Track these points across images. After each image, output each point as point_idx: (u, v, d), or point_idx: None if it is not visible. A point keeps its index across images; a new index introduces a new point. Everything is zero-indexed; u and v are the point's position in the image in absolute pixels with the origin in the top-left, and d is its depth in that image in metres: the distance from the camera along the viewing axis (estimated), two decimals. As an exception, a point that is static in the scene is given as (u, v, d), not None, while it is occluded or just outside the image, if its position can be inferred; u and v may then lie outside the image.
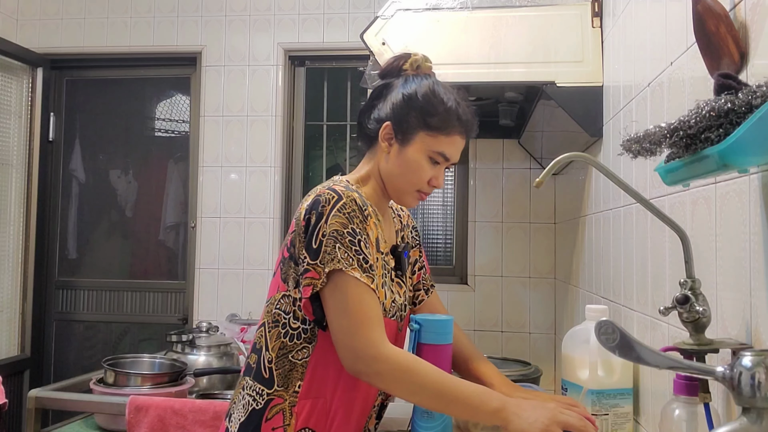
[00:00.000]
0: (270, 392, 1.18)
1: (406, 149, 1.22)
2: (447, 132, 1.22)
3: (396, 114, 1.23)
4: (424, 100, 1.22)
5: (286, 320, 1.18)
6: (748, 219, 0.82)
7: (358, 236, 1.13)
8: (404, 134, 1.22)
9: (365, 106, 1.31)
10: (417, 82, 1.25)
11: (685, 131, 0.73)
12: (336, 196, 1.14)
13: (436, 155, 1.22)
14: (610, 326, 0.76)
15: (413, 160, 1.22)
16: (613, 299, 1.57)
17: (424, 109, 1.21)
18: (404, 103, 1.22)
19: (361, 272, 1.11)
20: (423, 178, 1.23)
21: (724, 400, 0.91)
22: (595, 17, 1.78)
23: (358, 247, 1.12)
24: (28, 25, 3.15)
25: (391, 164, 1.24)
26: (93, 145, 3.26)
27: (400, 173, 1.23)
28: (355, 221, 1.13)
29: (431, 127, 1.21)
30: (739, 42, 0.84)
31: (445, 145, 1.22)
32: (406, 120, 1.22)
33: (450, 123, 1.22)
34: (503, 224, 2.78)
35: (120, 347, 3.13)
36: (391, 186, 1.26)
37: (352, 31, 2.90)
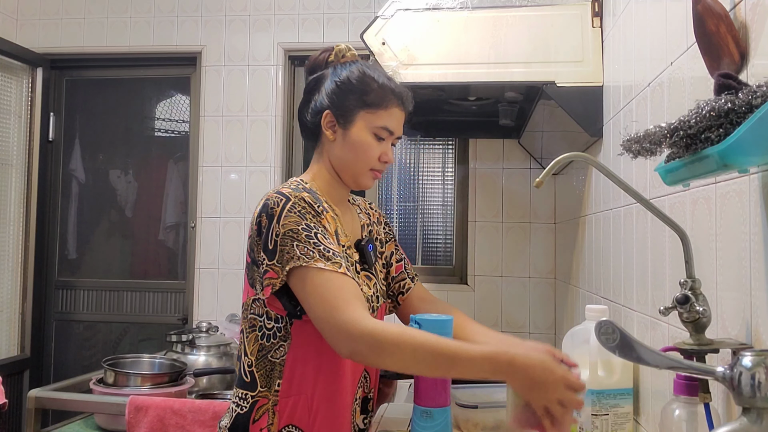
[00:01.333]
0: (254, 394, 1.20)
1: (350, 131, 1.25)
2: (385, 106, 1.26)
3: (333, 101, 1.26)
4: (357, 81, 1.26)
5: (261, 322, 1.21)
6: (748, 219, 0.82)
7: (314, 230, 1.14)
8: (345, 117, 1.25)
9: (302, 102, 1.34)
10: (347, 68, 1.29)
11: (686, 131, 0.73)
12: (284, 199, 1.16)
13: (379, 130, 1.25)
14: (610, 326, 0.75)
15: (359, 140, 1.25)
16: (613, 299, 1.57)
17: (359, 89, 1.25)
18: (339, 89, 1.26)
19: (324, 261, 1.11)
20: (373, 156, 1.26)
21: (724, 400, 0.91)
22: (595, 17, 1.78)
23: (315, 239, 1.13)
24: (28, 24, 3.15)
25: (339, 150, 1.27)
26: (93, 145, 3.25)
27: (350, 156, 1.26)
28: (308, 217, 1.15)
29: (369, 105, 1.25)
30: (739, 42, 0.84)
31: (386, 119, 1.26)
32: (345, 104, 1.25)
33: (386, 97, 1.26)
34: (503, 224, 2.78)
35: (120, 347, 3.13)
36: (344, 172, 1.28)
37: (352, 31, 2.90)
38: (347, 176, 1.29)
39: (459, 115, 2.56)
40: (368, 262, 1.32)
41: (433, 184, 2.96)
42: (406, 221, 2.97)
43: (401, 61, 1.84)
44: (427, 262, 2.94)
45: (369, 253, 1.32)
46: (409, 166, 2.96)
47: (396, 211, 2.98)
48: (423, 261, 2.94)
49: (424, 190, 2.96)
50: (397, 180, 2.97)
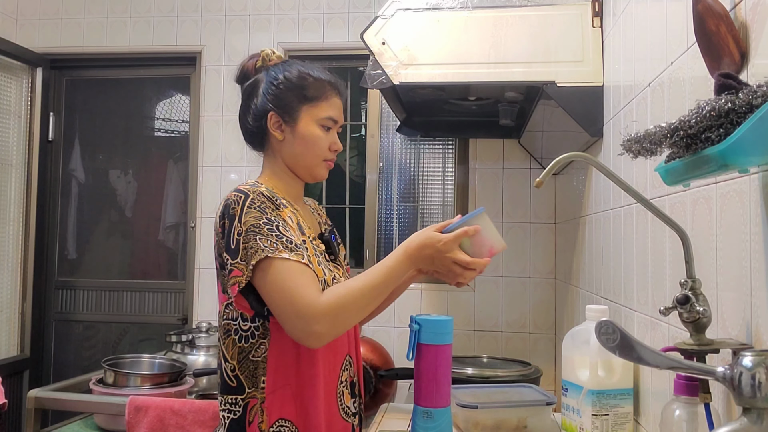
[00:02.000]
0: (244, 397, 1.21)
1: (297, 127, 1.29)
2: (325, 97, 1.30)
3: (275, 101, 1.30)
4: (295, 78, 1.30)
5: (236, 326, 1.22)
6: (748, 219, 0.82)
7: (275, 222, 1.17)
8: (290, 115, 1.29)
9: (241, 109, 1.38)
10: (279, 68, 1.33)
11: (686, 131, 0.73)
12: (242, 195, 1.19)
13: (325, 121, 1.30)
14: (611, 326, 0.75)
15: (308, 133, 1.29)
16: (614, 299, 1.57)
17: (297, 85, 1.30)
18: (278, 89, 1.30)
19: (288, 252, 1.14)
20: (323, 147, 1.30)
21: (725, 401, 0.90)
22: (595, 17, 1.78)
23: (278, 231, 1.16)
24: (28, 24, 3.15)
25: (290, 147, 1.30)
26: (92, 144, 3.25)
27: (302, 151, 1.29)
28: (268, 211, 1.18)
29: (311, 99, 1.29)
30: (739, 42, 0.84)
31: (328, 109, 1.30)
32: (286, 102, 1.29)
33: (324, 88, 1.31)
34: (503, 224, 2.78)
35: (120, 347, 3.13)
36: (299, 167, 1.31)
37: (352, 31, 2.90)
38: (302, 171, 1.32)
39: (459, 115, 2.56)
40: (334, 252, 1.36)
41: (433, 184, 2.96)
42: (406, 221, 2.97)
43: (401, 61, 1.84)
44: (427, 262, 2.93)
45: (333, 244, 1.38)
46: (409, 166, 2.96)
47: (396, 211, 2.98)
48: (423, 261, 2.94)
49: (424, 190, 2.96)
50: (397, 180, 2.97)
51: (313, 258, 1.22)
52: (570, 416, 1.30)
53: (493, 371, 2.08)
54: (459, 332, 2.73)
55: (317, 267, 1.21)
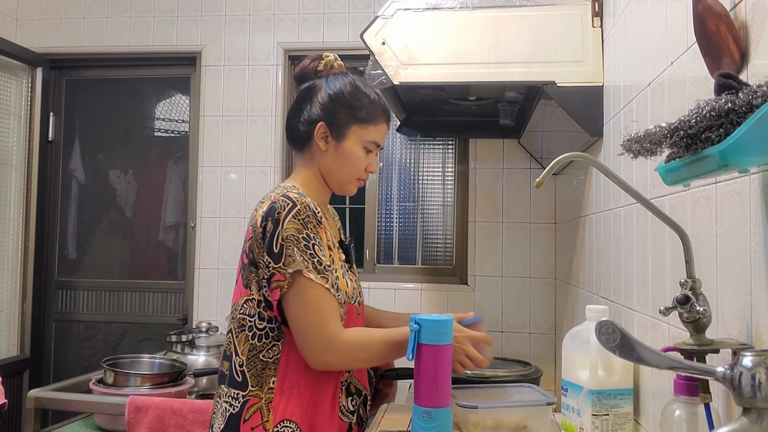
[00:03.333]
0: (245, 394, 1.23)
1: (343, 144, 1.32)
2: (375, 121, 1.33)
3: (327, 113, 1.32)
4: (350, 96, 1.32)
5: (252, 323, 1.24)
6: (748, 219, 0.82)
7: (312, 240, 1.21)
8: (338, 131, 1.32)
9: (293, 109, 1.38)
10: (340, 80, 1.35)
11: (686, 131, 0.73)
12: (291, 203, 1.22)
13: (369, 144, 1.34)
14: (611, 326, 0.75)
15: (351, 153, 1.32)
16: (614, 299, 1.57)
17: (351, 104, 1.32)
18: (332, 102, 1.32)
19: (316, 273, 1.20)
20: (361, 167, 1.34)
21: (725, 401, 0.90)
22: (595, 17, 1.78)
23: (312, 251, 1.21)
24: (28, 24, 3.15)
25: (330, 160, 1.33)
26: (92, 145, 3.25)
27: (340, 166, 1.33)
28: (309, 227, 1.22)
29: (361, 120, 1.32)
30: (739, 42, 0.84)
31: (375, 134, 1.34)
32: (338, 117, 1.32)
33: (376, 113, 1.34)
34: (503, 224, 2.78)
35: (119, 347, 3.13)
36: (332, 180, 1.36)
37: (352, 30, 2.90)
38: (334, 183, 1.36)
39: (459, 115, 2.56)
40: (350, 260, 1.40)
41: (433, 184, 2.96)
42: (406, 221, 2.97)
43: (401, 61, 1.84)
44: (427, 262, 2.94)
45: (351, 252, 1.42)
46: (409, 166, 2.96)
47: (396, 211, 2.98)
48: (423, 261, 2.94)
49: (424, 190, 2.96)
50: (397, 180, 2.97)
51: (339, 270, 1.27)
52: (570, 416, 1.30)
53: (493, 371, 2.08)
54: (459, 332, 2.73)
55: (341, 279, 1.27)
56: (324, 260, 1.22)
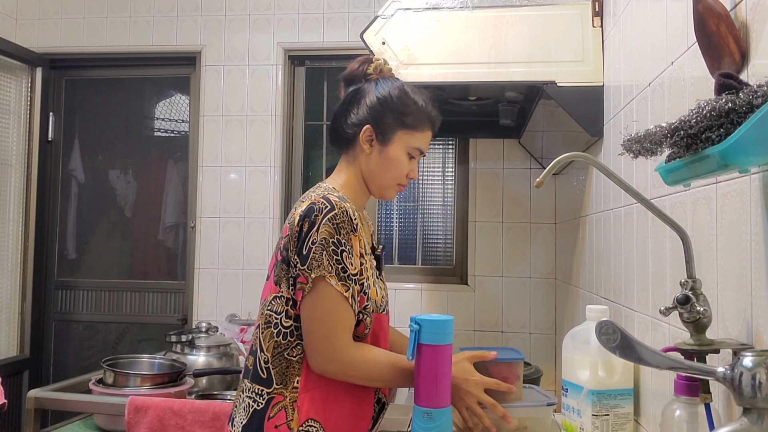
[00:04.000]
0: (270, 391, 1.22)
1: (388, 148, 1.31)
2: (422, 128, 1.33)
3: (374, 116, 1.31)
4: (398, 101, 1.31)
5: (278, 320, 1.24)
6: (748, 219, 0.82)
7: (342, 247, 1.20)
8: (384, 135, 1.31)
9: (340, 110, 1.37)
10: (389, 84, 1.34)
11: (686, 131, 0.73)
12: (329, 206, 1.21)
13: (413, 151, 1.33)
14: (611, 326, 0.75)
15: (395, 158, 1.31)
16: (614, 299, 1.57)
17: (399, 109, 1.31)
18: (380, 105, 1.31)
19: (337, 280, 1.18)
20: (403, 173, 1.33)
21: (725, 401, 0.90)
22: (595, 17, 1.78)
23: (339, 257, 1.19)
24: (28, 24, 3.15)
25: (373, 164, 1.32)
26: (92, 144, 3.25)
27: (382, 171, 1.32)
28: (342, 232, 1.20)
29: (408, 126, 1.31)
30: (739, 41, 0.84)
31: (420, 141, 1.33)
32: (384, 121, 1.30)
33: (423, 120, 1.33)
34: (503, 224, 2.78)
35: (119, 347, 3.13)
36: (373, 184, 1.35)
37: (352, 30, 2.90)
38: (374, 187, 1.35)
39: (459, 115, 2.56)
40: (380, 267, 1.39)
41: (433, 184, 2.96)
42: (406, 221, 2.97)
43: (401, 61, 1.84)
44: (427, 262, 2.94)
45: (382, 260, 1.42)
46: (409, 166, 2.96)
47: (396, 211, 2.98)
48: (423, 261, 2.94)
49: (424, 190, 2.96)
50: (397, 180, 2.97)
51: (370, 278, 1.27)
52: (570, 416, 1.30)
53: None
54: (459, 332, 2.73)
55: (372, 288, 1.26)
56: (350, 269, 1.21)
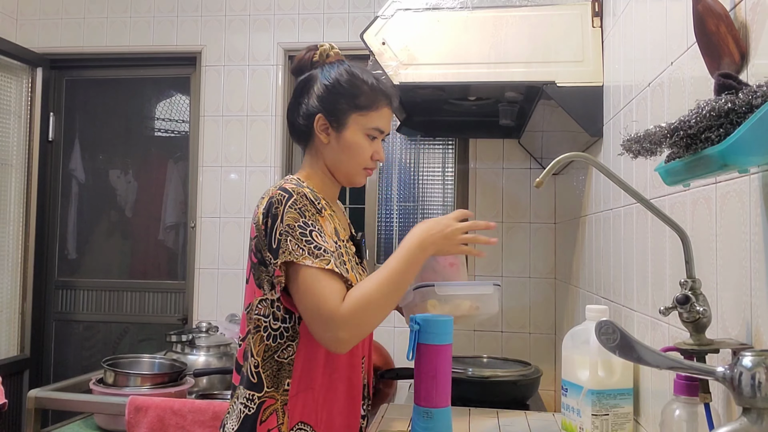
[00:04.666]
0: (261, 395, 1.21)
1: (344, 134, 1.27)
2: (376, 107, 1.28)
3: (324, 104, 1.27)
4: (347, 84, 1.28)
5: (267, 323, 1.22)
6: (748, 219, 0.82)
7: (309, 227, 1.17)
8: (338, 121, 1.27)
9: (291, 104, 1.34)
10: (335, 69, 1.30)
11: (686, 131, 0.73)
12: (287, 195, 1.19)
13: (372, 131, 1.29)
14: (611, 326, 0.75)
15: (353, 142, 1.28)
16: (614, 299, 1.57)
17: (349, 92, 1.27)
18: (329, 92, 1.28)
19: (313, 259, 1.14)
20: (366, 157, 1.29)
21: (725, 401, 0.90)
22: (595, 17, 1.78)
23: (309, 237, 1.16)
24: (28, 24, 3.15)
25: (334, 152, 1.29)
26: (92, 144, 3.25)
27: (345, 158, 1.29)
28: (307, 215, 1.18)
29: (361, 107, 1.27)
30: (739, 42, 0.84)
31: (378, 120, 1.29)
32: (336, 107, 1.27)
33: (376, 98, 1.28)
34: (503, 224, 2.78)
35: (119, 347, 3.13)
36: (339, 172, 1.31)
37: (352, 30, 2.90)
38: (341, 176, 1.32)
39: (459, 115, 2.56)
40: (361, 255, 1.37)
41: (433, 184, 2.96)
42: (406, 221, 2.96)
43: (401, 61, 1.84)
44: (427, 262, 2.93)
45: (363, 247, 1.39)
46: (409, 166, 2.96)
47: (396, 211, 2.98)
48: (423, 261, 2.94)
49: (424, 190, 2.96)
50: (397, 180, 2.97)
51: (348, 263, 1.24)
52: (570, 416, 1.30)
53: (493, 371, 2.08)
54: (459, 332, 2.73)
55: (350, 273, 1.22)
56: (325, 246, 1.17)
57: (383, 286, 1.16)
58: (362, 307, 1.14)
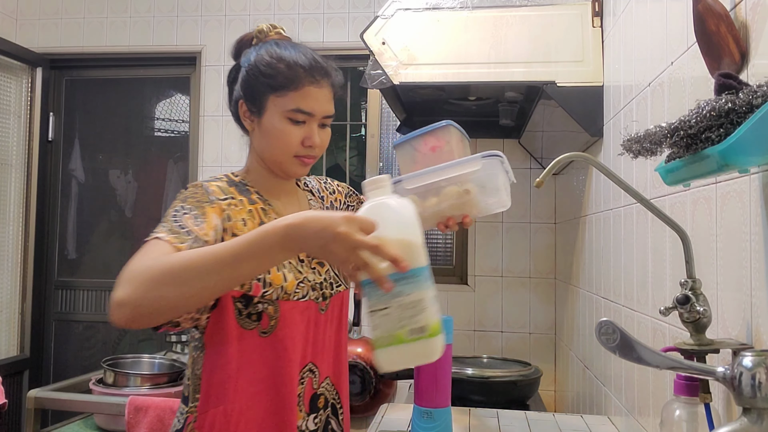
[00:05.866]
0: (187, 409, 1.11)
1: (263, 119, 1.15)
2: (295, 87, 1.13)
3: (245, 89, 1.17)
4: (264, 64, 1.15)
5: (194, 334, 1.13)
6: (748, 219, 0.82)
7: (183, 211, 1.04)
8: (256, 105, 1.16)
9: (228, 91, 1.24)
10: (255, 51, 1.18)
11: (686, 131, 0.73)
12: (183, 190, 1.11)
13: (292, 114, 1.13)
14: (611, 326, 0.75)
15: (273, 127, 1.14)
16: (614, 299, 1.57)
17: (265, 73, 1.14)
18: (248, 75, 1.16)
19: (167, 233, 0.97)
20: (292, 142, 1.13)
21: (725, 401, 0.90)
22: (595, 17, 1.78)
23: (178, 217, 1.02)
24: (28, 24, 3.15)
25: (258, 140, 1.18)
26: (92, 145, 3.25)
27: (268, 145, 1.16)
28: (189, 201, 1.06)
29: (278, 88, 1.13)
30: (739, 42, 0.84)
31: (299, 101, 1.13)
32: (254, 90, 1.15)
33: (296, 77, 1.13)
34: (503, 224, 2.78)
35: (119, 347, 3.13)
36: (269, 161, 1.18)
37: (352, 30, 2.90)
38: (273, 165, 1.18)
39: (459, 115, 2.56)
40: None
41: (433, 184, 2.95)
42: (406, 221, 2.96)
43: (401, 61, 1.84)
44: (427, 262, 2.93)
45: None
46: (409, 166, 2.96)
47: (396, 211, 2.97)
48: (423, 261, 2.94)
49: (424, 190, 2.96)
50: (397, 180, 2.97)
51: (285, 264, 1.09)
52: None
53: (493, 371, 2.08)
54: (459, 332, 2.73)
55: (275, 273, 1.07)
56: (196, 231, 0.99)
57: (201, 260, 0.89)
58: (158, 269, 0.89)
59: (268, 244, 0.88)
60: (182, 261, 0.89)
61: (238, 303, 1.08)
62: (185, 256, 0.90)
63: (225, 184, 1.14)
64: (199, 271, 0.89)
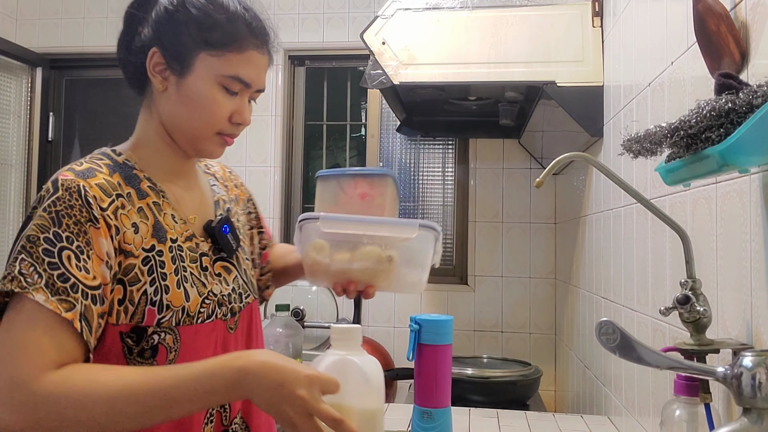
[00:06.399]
0: None
1: (187, 80, 0.91)
2: (238, 47, 0.91)
3: (162, 35, 0.91)
4: (197, 9, 0.90)
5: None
6: (748, 219, 0.82)
7: (61, 243, 0.80)
8: (180, 60, 0.90)
9: (122, 34, 0.98)
10: None
11: (686, 131, 0.73)
12: (52, 190, 0.84)
13: (229, 81, 0.91)
14: (611, 326, 0.75)
15: (200, 93, 0.90)
16: (614, 299, 1.57)
17: (199, 21, 0.90)
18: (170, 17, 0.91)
19: (48, 294, 0.77)
20: (220, 115, 0.92)
21: (725, 401, 0.90)
22: (595, 17, 1.78)
23: (56, 258, 0.79)
24: (28, 24, 3.15)
25: (172, 104, 0.94)
26: (92, 144, 3.21)
27: (187, 114, 0.92)
28: (65, 223, 0.81)
29: (214, 45, 0.90)
30: (739, 42, 0.84)
31: (240, 66, 0.91)
32: (179, 40, 0.90)
33: (239, 35, 0.91)
34: (503, 224, 2.78)
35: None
36: (180, 135, 0.95)
37: (352, 30, 2.90)
38: (184, 141, 0.95)
39: (459, 115, 2.56)
40: (226, 248, 0.99)
41: (433, 184, 2.95)
42: (406, 221, 2.96)
43: (401, 61, 1.84)
44: (427, 262, 2.93)
45: (226, 237, 0.99)
46: (409, 166, 2.96)
47: (396, 211, 2.97)
48: (423, 261, 2.94)
49: (424, 190, 2.96)
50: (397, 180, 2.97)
51: (170, 276, 0.88)
52: None
53: (493, 371, 2.08)
54: (459, 332, 2.73)
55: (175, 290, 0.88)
56: (78, 276, 0.79)
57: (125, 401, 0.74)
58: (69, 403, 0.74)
59: (210, 386, 0.75)
60: (100, 398, 0.74)
61: (128, 339, 0.85)
62: (104, 392, 0.74)
63: (107, 175, 0.91)
64: (120, 415, 0.74)
